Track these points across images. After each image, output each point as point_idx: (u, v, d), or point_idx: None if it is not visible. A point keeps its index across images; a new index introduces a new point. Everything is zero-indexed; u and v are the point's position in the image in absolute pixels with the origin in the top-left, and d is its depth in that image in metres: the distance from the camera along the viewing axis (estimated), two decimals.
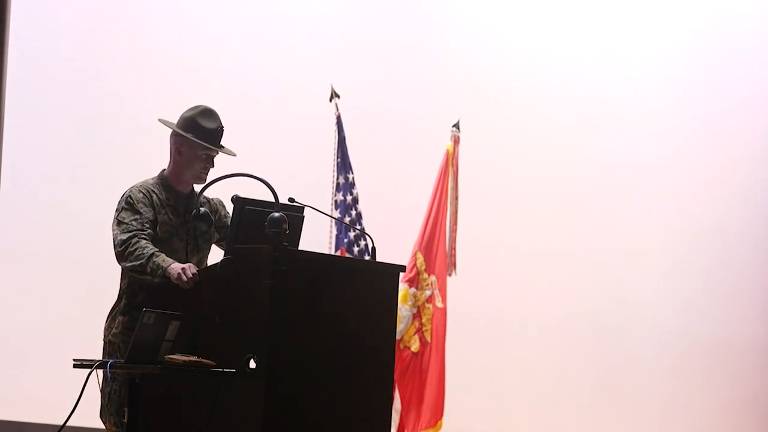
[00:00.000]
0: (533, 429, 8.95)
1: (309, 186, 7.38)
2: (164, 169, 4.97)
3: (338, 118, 7.75)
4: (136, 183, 4.93)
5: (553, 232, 9.03)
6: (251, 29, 8.36)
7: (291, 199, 4.85)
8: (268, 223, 4.49)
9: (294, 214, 4.80)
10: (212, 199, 5.06)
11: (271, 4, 8.45)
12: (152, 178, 4.95)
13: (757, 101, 9.71)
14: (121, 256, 4.75)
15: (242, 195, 4.74)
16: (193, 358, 4.47)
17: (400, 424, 7.66)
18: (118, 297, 4.90)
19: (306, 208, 4.92)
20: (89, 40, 7.95)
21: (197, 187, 4.95)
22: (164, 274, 4.66)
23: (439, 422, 7.77)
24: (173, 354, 4.45)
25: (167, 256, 4.75)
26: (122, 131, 7.92)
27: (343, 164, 7.72)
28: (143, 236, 4.75)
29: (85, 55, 7.93)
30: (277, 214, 4.51)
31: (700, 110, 9.55)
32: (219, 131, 4.92)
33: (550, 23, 9.17)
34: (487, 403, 8.79)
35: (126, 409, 4.52)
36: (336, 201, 7.68)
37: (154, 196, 4.87)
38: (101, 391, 4.85)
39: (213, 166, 4.95)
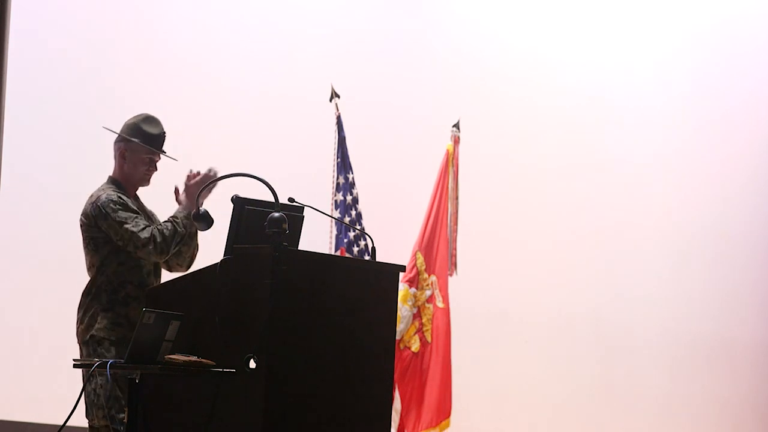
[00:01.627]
0: (534, 428, 8.95)
1: (309, 186, 7.38)
2: (110, 176, 5.11)
3: (338, 117, 7.75)
4: (104, 190, 5.02)
5: (553, 231, 9.03)
6: (251, 29, 8.35)
7: (291, 199, 4.85)
8: (268, 223, 4.49)
9: (294, 214, 4.80)
10: (145, 207, 5.19)
11: (270, 3, 8.45)
12: (105, 185, 5.07)
13: (758, 101, 9.72)
14: (161, 249, 4.89)
15: (242, 195, 4.74)
16: (193, 358, 4.47)
17: (400, 424, 7.66)
18: (94, 295, 4.97)
19: (306, 208, 4.93)
20: (89, 39, 7.94)
21: (191, 188, 5.00)
22: (189, 221, 4.91)
23: (444, 421, 7.77)
24: (173, 354, 4.45)
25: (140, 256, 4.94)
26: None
27: (343, 164, 7.72)
28: (152, 226, 4.93)
29: (85, 55, 7.92)
30: (277, 214, 4.51)
31: (700, 109, 9.56)
32: (162, 136, 5.09)
33: (551, 23, 9.17)
34: (488, 403, 8.79)
35: (126, 408, 4.52)
36: (336, 201, 7.68)
37: (129, 202, 5.00)
38: (84, 389, 4.89)
39: (156, 170, 5.11)
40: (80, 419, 4.84)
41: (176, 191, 5.05)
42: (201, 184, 4.93)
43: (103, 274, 4.95)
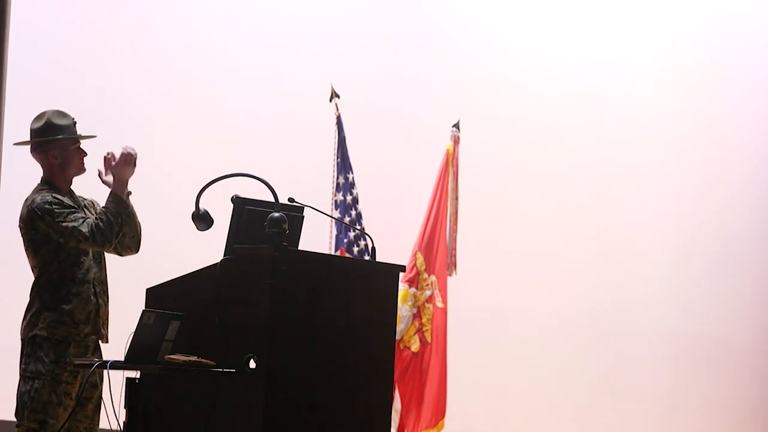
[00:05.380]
0: (533, 428, 8.95)
1: (309, 186, 7.38)
2: (42, 178, 5.12)
3: (338, 118, 7.75)
4: (38, 192, 5.04)
5: (553, 231, 9.03)
6: (251, 29, 8.35)
7: (291, 199, 4.85)
8: (268, 223, 4.49)
9: (294, 214, 4.80)
10: (86, 198, 5.21)
11: (270, 3, 8.45)
12: (39, 186, 5.09)
13: (758, 101, 9.71)
14: (104, 241, 4.90)
15: (242, 195, 4.74)
16: (193, 358, 4.47)
17: (400, 424, 7.66)
18: (37, 294, 5.02)
19: (306, 208, 4.92)
20: (89, 40, 7.94)
21: (196, 187, 4.97)
22: (124, 199, 4.94)
23: (440, 422, 7.77)
24: (173, 354, 4.45)
25: (82, 251, 4.98)
26: (121, 131, 7.92)
27: (343, 164, 7.72)
28: (90, 218, 4.95)
29: (85, 55, 7.92)
30: (277, 214, 4.51)
31: (700, 110, 9.55)
32: (75, 122, 5.13)
33: (550, 23, 9.17)
34: (487, 403, 8.79)
35: (126, 409, 4.52)
36: (336, 201, 7.68)
37: (65, 200, 5.02)
38: (18, 390, 4.95)
39: (86, 154, 5.13)
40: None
41: (99, 174, 5.06)
42: (123, 163, 4.97)
43: (44, 273, 5.01)
